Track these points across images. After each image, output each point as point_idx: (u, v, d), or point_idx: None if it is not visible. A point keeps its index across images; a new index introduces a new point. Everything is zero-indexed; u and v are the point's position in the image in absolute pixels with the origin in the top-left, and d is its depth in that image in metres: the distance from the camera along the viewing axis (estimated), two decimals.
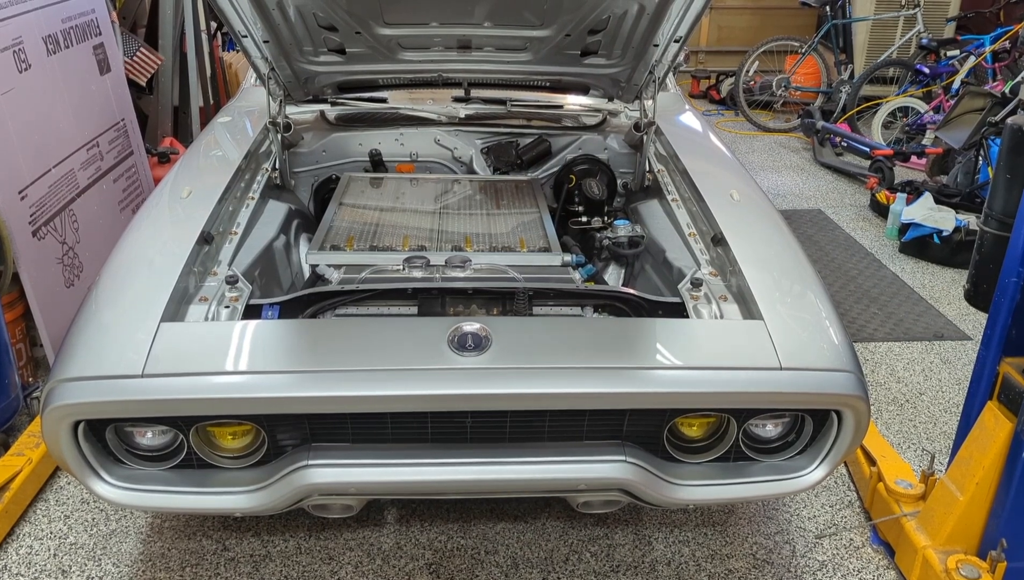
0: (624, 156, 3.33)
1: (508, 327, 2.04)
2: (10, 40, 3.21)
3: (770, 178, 6.33)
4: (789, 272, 2.26)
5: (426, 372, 1.89)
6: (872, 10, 7.56)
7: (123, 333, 1.94)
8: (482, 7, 2.66)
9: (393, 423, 1.98)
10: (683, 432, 2.10)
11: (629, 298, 2.28)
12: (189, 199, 2.50)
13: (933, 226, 4.75)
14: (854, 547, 2.66)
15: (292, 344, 1.98)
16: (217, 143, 3.10)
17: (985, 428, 2.29)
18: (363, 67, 3.09)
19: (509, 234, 2.72)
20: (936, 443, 3.18)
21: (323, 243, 2.61)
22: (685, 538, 2.67)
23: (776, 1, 8.88)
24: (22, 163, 3.21)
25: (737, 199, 2.61)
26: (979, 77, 6.60)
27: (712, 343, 2.04)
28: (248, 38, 2.67)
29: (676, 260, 2.51)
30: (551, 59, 3.02)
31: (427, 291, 2.28)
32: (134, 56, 4.64)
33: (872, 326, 4.05)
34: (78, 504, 2.77)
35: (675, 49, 2.77)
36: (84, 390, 1.82)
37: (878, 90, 7.39)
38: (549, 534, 2.66)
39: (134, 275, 2.14)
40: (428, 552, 2.58)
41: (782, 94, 7.65)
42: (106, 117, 3.96)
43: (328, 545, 2.60)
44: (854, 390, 1.93)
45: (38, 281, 3.20)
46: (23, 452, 2.81)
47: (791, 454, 2.12)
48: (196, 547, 2.59)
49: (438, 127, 3.40)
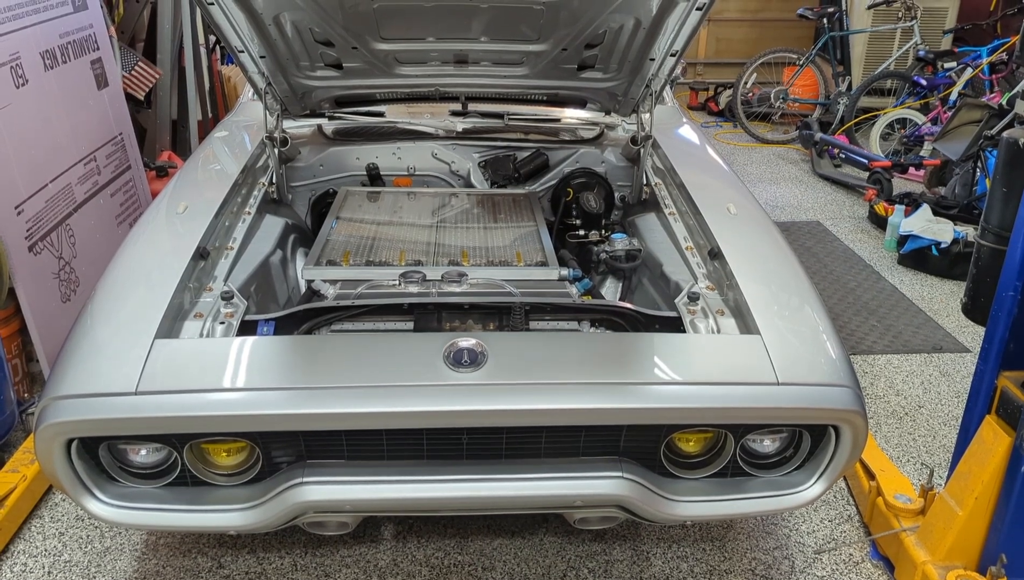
0: (621, 169, 3.34)
1: (504, 342, 2.03)
2: (7, 56, 3.21)
3: (768, 190, 6.34)
4: (786, 286, 2.26)
5: (422, 388, 1.88)
6: (869, 22, 7.58)
7: (117, 350, 1.93)
8: (479, 22, 2.66)
9: (389, 440, 1.97)
10: (680, 447, 2.09)
11: (626, 313, 2.28)
12: (185, 214, 2.49)
13: (931, 238, 4.75)
14: (853, 562, 2.64)
15: (287, 360, 1.97)
16: (214, 157, 3.10)
17: (984, 442, 2.28)
18: (360, 82, 3.09)
19: (506, 248, 2.71)
20: (935, 456, 3.17)
21: (319, 258, 2.61)
22: (683, 554, 2.65)
23: (774, 13, 8.91)
24: (19, 178, 3.21)
25: (734, 213, 2.60)
26: (976, 89, 6.62)
27: (709, 358, 2.04)
28: (245, 53, 2.68)
29: (673, 274, 2.50)
30: (548, 73, 3.03)
31: (423, 306, 2.28)
32: (132, 70, 4.65)
33: (871, 338, 4.04)
34: (73, 521, 2.76)
35: (672, 63, 2.78)
36: (77, 408, 1.81)
37: (876, 102, 7.41)
38: (547, 550, 2.64)
39: (129, 291, 2.13)
40: (425, 569, 2.56)
41: (780, 106, 7.66)
42: (104, 131, 3.97)
43: (324, 562, 2.59)
44: (852, 405, 1.92)
45: (34, 296, 3.20)
46: (18, 469, 2.80)
47: (789, 469, 2.11)
48: (191, 565, 2.57)
49: (435, 141, 3.40)
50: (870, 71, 7.56)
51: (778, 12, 8.86)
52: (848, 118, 7.04)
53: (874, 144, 6.70)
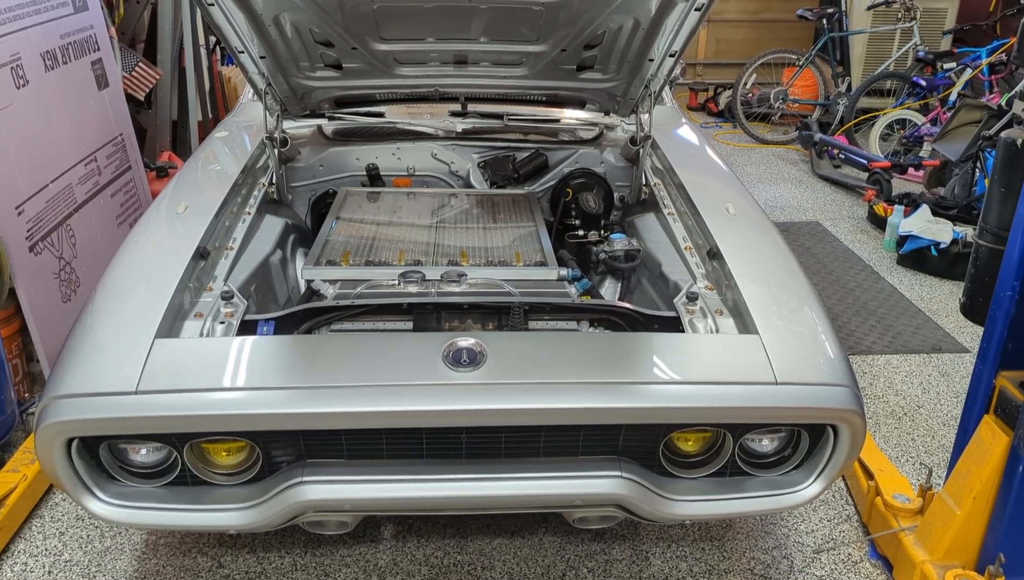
0: (621, 170, 3.34)
1: (503, 342, 2.04)
2: (8, 56, 3.22)
3: (768, 190, 6.35)
4: (785, 286, 2.26)
5: (421, 388, 1.88)
6: (869, 23, 7.59)
7: (117, 349, 1.93)
8: (478, 23, 2.67)
9: (388, 439, 1.97)
10: (679, 447, 2.10)
11: (625, 312, 2.28)
12: (185, 214, 2.50)
13: (931, 238, 4.75)
14: (852, 562, 2.64)
15: (287, 360, 1.97)
16: (214, 158, 3.10)
17: (982, 442, 2.29)
18: (360, 82, 3.10)
19: (505, 248, 2.72)
20: (934, 456, 3.17)
21: (319, 258, 2.61)
22: (682, 553, 2.66)
23: (774, 14, 8.92)
24: (19, 178, 3.21)
25: (733, 213, 2.61)
26: (975, 89, 6.63)
27: (708, 358, 2.04)
28: (245, 54, 2.68)
29: (672, 274, 2.51)
30: (547, 74, 3.03)
31: (422, 306, 2.28)
32: (133, 71, 4.66)
33: (870, 339, 4.05)
34: (73, 521, 2.76)
35: (671, 63, 2.79)
36: (78, 407, 1.82)
37: (875, 102, 7.41)
38: (546, 550, 2.65)
39: (129, 291, 2.14)
40: (424, 568, 2.57)
41: (780, 106, 7.67)
42: (104, 132, 3.97)
43: (324, 562, 2.59)
44: (850, 405, 1.93)
45: (35, 296, 3.20)
46: (18, 468, 2.80)
47: (787, 469, 2.12)
48: (191, 564, 2.58)
49: (435, 141, 3.40)
50: (870, 72, 7.56)
51: (778, 13, 8.86)
52: (848, 119, 7.05)
53: (873, 145, 6.70)
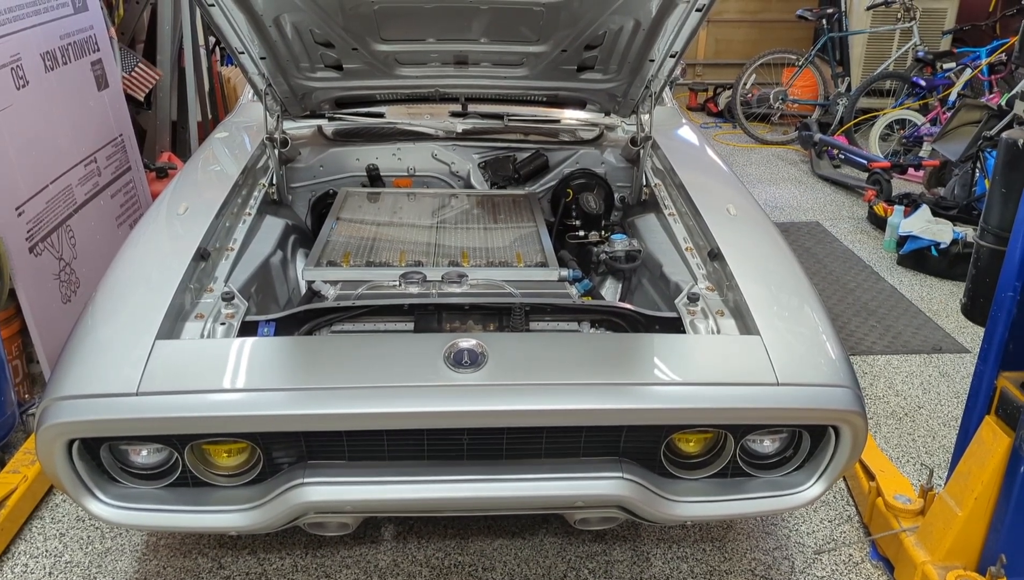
0: (621, 170, 3.34)
1: (505, 343, 2.03)
2: (8, 57, 3.22)
3: (768, 190, 6.34)
4: (786, 286, 2.26)
5: (422, 389, 1.88)
6: (868, 23, 7.59)
7: (118, 351, 1.93)
8: (479, 23, 2.66)
9: (389, 440, 1.97)
10: (680, 448, 2.10)
11: (626, 313, 2.28)
12: (186, 215, 2.50)
13: (931, 238, 4.75)
14: (853, 563, 2.64)
15: (288, 361, 1.97)
16: (214, 158, 3.10)
17: (983, 443, 2.29)
18: (360, 83, 3.09)
19: (506, 249, 2.72)
20: (935, 457, 3.17)
21: (319, 259, 2.61)
22: (683, 554, 2.65)
23: (773, 14, 8.92)
24: (19, 179, 3.21)
25: (734, 213, 2.61)
26: (975, 89, 6.63)
27: (709, 359, 2.04)
28: (245, 54, 2.68)
29: (673, 275, 2.51)
30: (548, 74, 3.03)
31: (423, 307, 2.28)
32: (132, 71, 4.65)
33: (871, 339, 4.05)
34: (73, 522, 2.76)
35: (671, 64, 2.78)
36: (78, 408, 1.82)
37: (875, 103, 7.41)
38: (547, 551, 2.65)
39: (130, 292, 2.14)
40: (425, 569, 2.57)
41: (779, 107, 7.67)
42: (104, 133, 3.97)
43: (325, 563, 2.59)
44: (851, 405, 1.93)
45: (35, 297, 3.20)
46: (19, 470, 2.80)
47: (789, 470, 2.12)
48: (192, 565, 2.57)
49: (435, 142, 3.40)
50: (869, 72, 7.56)
51: (777, 13, 8.87)
52: (847, 119, 7.05)
53: (873, 145, 6.70)
